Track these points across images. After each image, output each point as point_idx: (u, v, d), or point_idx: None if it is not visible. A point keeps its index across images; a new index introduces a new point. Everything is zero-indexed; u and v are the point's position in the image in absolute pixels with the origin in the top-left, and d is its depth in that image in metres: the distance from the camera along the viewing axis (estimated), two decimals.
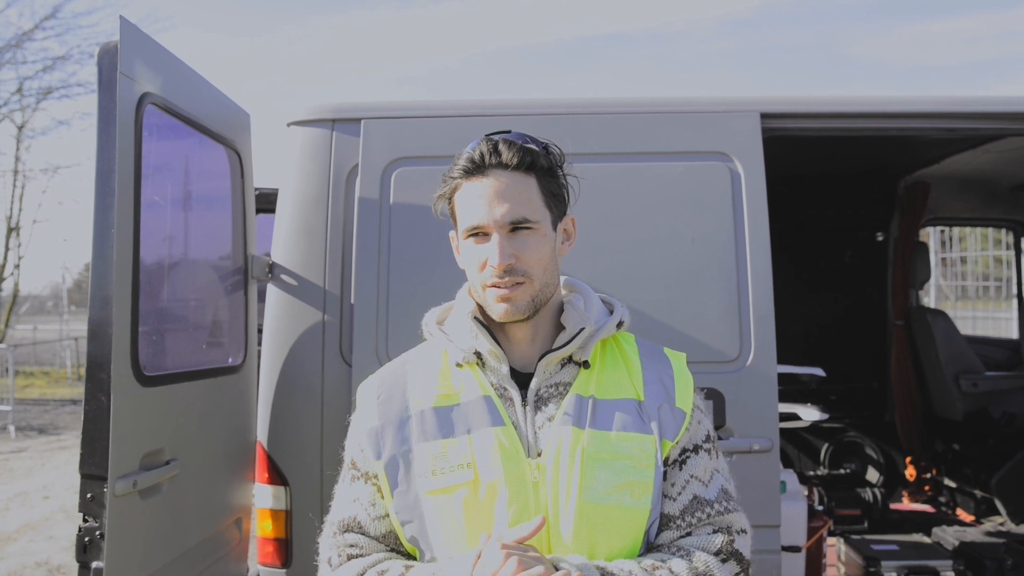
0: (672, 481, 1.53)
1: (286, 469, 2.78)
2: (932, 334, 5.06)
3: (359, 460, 1.58)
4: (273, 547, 2.78)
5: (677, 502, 1.52)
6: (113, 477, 2.12)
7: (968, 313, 13.34)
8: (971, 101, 2.95)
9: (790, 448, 5.53)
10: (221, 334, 2.96)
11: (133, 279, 2.23)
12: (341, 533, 1.57)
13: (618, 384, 1.54)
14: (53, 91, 21.83)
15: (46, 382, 18.86)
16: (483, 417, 1.50)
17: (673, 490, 1.52)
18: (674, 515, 1.52)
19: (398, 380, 1.61)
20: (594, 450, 1.46)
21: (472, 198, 1.48)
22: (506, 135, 1.52)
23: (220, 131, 2.81)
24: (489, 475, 1.46)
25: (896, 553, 4.03)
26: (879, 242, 5.53)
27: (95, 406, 2.12)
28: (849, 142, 4.21)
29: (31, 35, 21.22)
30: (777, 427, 2.73)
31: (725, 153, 2.81)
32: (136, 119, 2.24)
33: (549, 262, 1.51)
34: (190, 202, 2.89)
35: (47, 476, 9.04)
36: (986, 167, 4.79)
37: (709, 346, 2.71)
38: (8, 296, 22.30)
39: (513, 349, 1.56)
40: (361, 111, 2.86)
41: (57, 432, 12.16)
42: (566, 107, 2.88)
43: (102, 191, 2.14)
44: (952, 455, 5.22)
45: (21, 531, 6.83)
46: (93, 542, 2.11)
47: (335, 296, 2.80)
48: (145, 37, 2.32)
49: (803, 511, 3.30)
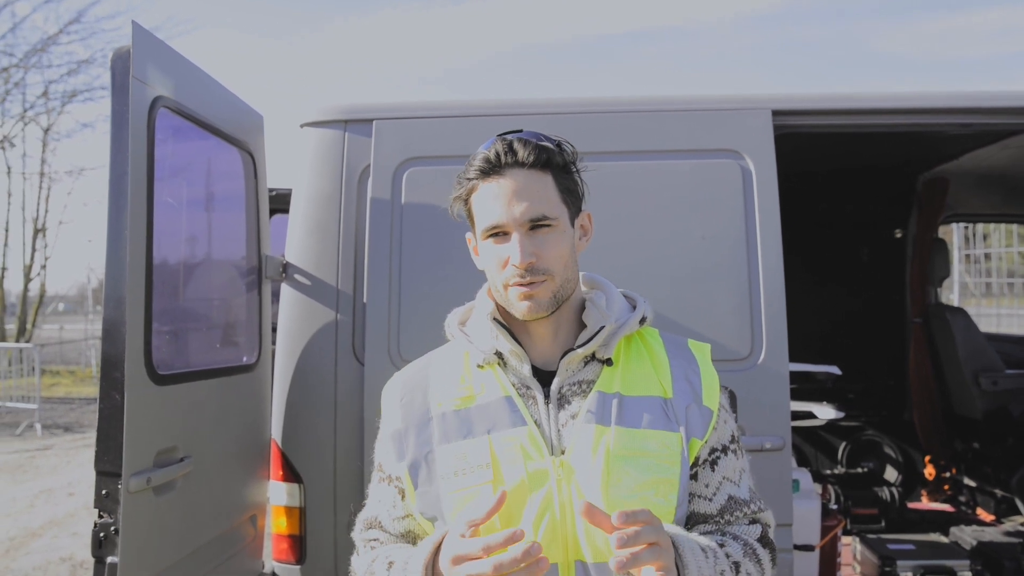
0: (705, 482, 1.54)
1: (300, 466, 2.81)
2: (951, 331, 5.00)
3: (385, 463, 1.62)
4: (287, 543, 2.82)
5: (713, 502, 1.53)
6: (127, 474, 2.15)
7: (992, 310, 13.20)
8: (987, 96, 2.91)
9: (807, 447, 5.50)
10: (235, 333, 3.00)
11: (147, 279, 2.27)
12: (366, 530, 1.65)
13: (644, 380, 1.54)
14: (78, 94, 22.24)
15: (72, 381, 19.11)
16: (504, 417, 1.50)
17: (707, 491, 1.53)
18: (711, 514, 1.53)
19: (420, 382, 1.61)
20: (619, 447, 1.46)
21: (490, 198, 1.48)
22: (519, 134, 1.52)
23: (233, 133, 2.84)
24: (512, 475, 1.46)
25: (912, 553, 3.99)
26: (897, 239, 5.48)
27: (109, 404, 2.16)
28: (865, 138, 4.17)
29: (56, 39, 21.54)
30: (789, 425, 2.72)
31: (737, 151, 2.80)
32: (149, 122, 2.27)
33: (569, 258, 1.51)
34: (204, 203, 2.93)
35: (72, 473, 9.17)
36: (1006, 163, 4.73)
37: (720, 344, 2.70)
38: (35, 296, 22.62)
39: (534, 347, 1.56)
40: (373, 112, 2.88)
41: (82, 430, 12.32)
42: (577, 106, 2.89)
43: (116, 193, 2.18)
44: (972, 454, 5.16)
45: (46, 527, 6.94)
46: (108, 537, 2.15)
47: (348, 295, 2.83)
48: (157, 41, 2.35)
49: (816, 510, 3.28)
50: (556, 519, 1.45)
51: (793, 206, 3.47)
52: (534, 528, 1.44)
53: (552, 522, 1.44)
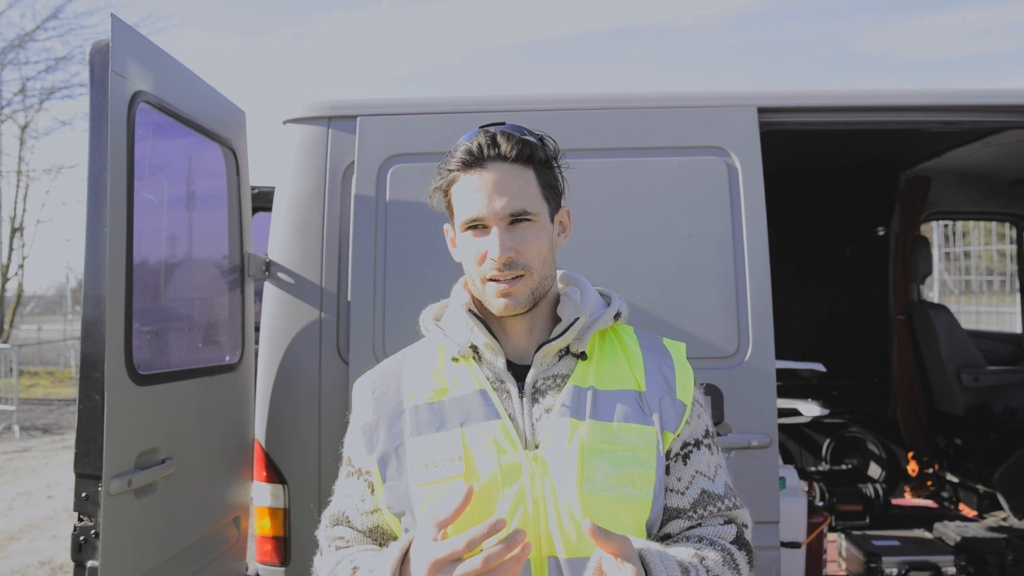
0: (678, 476, 1.52)
1: (284, 467, 2.77)
2: (933, 329, 5.04)
3: (354, 456, 1.59)
4: (271, 545, 2.78)
5: (686, 496, 1.51)
6: (108, 476, 2.12)
7: (972, 307, 13.32)
8: (969, 94, 2.93)
9: (792, 444, 5.52)
10: (217, 332, 2.96)
11: (127, 278, 2.23)
12: (332, 527, 1.61)
13: (618, 375, 1.53)
14: (56, 91, 21.88)
15: (50, 382, 18.90)
16: (478, 411, 1.49)
17: (680, 484, 1.52)
18: (684, 508, 1.51)
19: (393, 376, 1.60)
20: (594, 441, 1.45)
21: (470, 191, 1.47)
22: (502, 127, 1.51)
23: (215, 129, 2.80)
24: (485, 468, 1.45)
25: (897, 549, 4.01)
26: (880, 236, 5.51)
27: (89, 405, 2.12)
28: (848, 136, 4.19)
29: (33, 35, 21.30)
30: (776, 423, 2.71)
31: (722, 148, 2.79)
32: (129, 117, 2.23)
33: (547, 254, 1.51)
34: (185, 200, 2.89)
35: (51, 475, 9.06)
36: (987, 161, 4.77)
37: (707, 342, 2.70)
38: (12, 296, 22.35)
39: (510, 341, 1.56)
40: (357, 108, 2.86)
41: (61, 432, 12.18)
42: (563, 102, 2.87)
43: (95, 190, 2.14)
44: (954, 450, 5.20)
45: (25, 530, 6.85)
46: (88, 541, 2.11)
47: (332, 294, 2.80)
48: (137, 35, 2.31)
49: (803, 507, 3.29)
50: (529, 514, 1.43)
51: (778, 204, 3.48)
52: (507, 523, 1.42)
53: (525, 517, 1.43)
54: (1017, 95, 2.92)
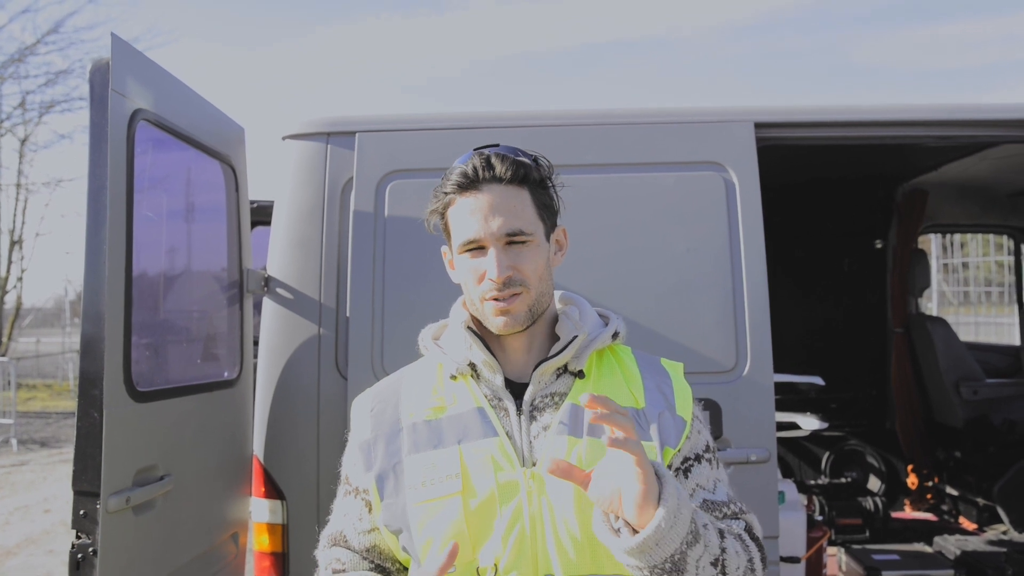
0: None
1: (283, 483, 2.77)
2: (932, 341, 5.04)
3: (352, 475, 1.60)
4: (270, 561, 2.77)
5: None
6: (106, 494, 2.11)
7: (971, 319, 13.32)
8: (966, 109, 2.95)
9: (791, 457, 5.51)
10: (216, 348, 2.96)
11: (126, 295, 2.23)
12: (329, 547, 1.62)
13: (616, 393, 1.54)
14: (55, 105, 21.92)
15: (48, 395, 18.86)
16: (476, 428, 1.50)
17: None
18: None
19: (392, 394, 1.61)
20: (591, 458, 1.45)
21: (466, 212, 1.49)
22: (496, 148, 1.53)
23: (214, 145, 2.81)
24: (481, 486, 1.45)
25: (897, 563, 4.00)
26: (878, 249, 5.52)
27: (88, 422, 2.12)
28: (846, 150, 4.21)
29: (34, 49, 21.32)
30: (774, 437, 2.71)
31: (719, 163, 2.81)
32: (128, 135, 2.24)
33: (544, 272, 1.53)
34: (184, 217, 2.90)
35: (48, 489, 9.03)
36: (984, 174, 4.78)
37: (705, 356, 2.70)
38: (11, 309, 22.33)
39: (508, 360, 1.57)
40: (355, 124, 2.87)
41: (59, 445, 12.15)
42: (560, 118, 2.89)
43: (94, 207, 2.14)
44: (954, 463, 5.20)
45: (22, 545, 6.82)
46: (86, 559, 2.10)
47: (331, 309, 2.80)
48: (137, 53, 2.33)
49: (802, 521, 3.28)
50: (526, 532, 1.43)
51: (775, 218, 3.49)
52: (503, 542, 1.43)
53: (522, 535, 1.43)
54: (1012, 110, 2.93)
